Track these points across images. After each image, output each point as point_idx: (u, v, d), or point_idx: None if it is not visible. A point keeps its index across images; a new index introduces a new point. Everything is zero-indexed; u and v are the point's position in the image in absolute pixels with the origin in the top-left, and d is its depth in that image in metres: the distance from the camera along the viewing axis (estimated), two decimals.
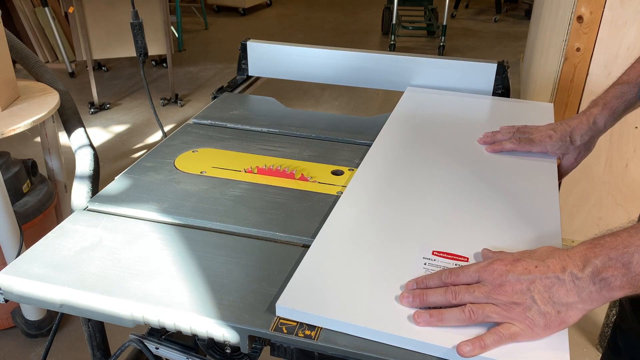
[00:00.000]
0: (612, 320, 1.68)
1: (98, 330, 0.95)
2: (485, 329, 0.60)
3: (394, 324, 0.61)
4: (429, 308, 0.63)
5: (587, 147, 0.98)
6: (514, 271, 0.60)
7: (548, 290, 0.59)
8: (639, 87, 0.91)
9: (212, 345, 0.74)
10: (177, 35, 4.61)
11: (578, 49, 1.83)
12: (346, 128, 1.14)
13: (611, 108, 0.94)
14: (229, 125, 1.15)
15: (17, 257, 0.74)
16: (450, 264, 0.70)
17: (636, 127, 1.91)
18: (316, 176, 0.95)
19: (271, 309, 0.65)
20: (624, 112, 0.94)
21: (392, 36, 4.55)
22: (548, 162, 0.96)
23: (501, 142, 0.99)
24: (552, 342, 0.59)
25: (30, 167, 1.77)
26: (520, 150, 0.97)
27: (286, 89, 3.70)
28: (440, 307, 0.62)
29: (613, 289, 0.57)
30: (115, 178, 0.93)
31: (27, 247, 0.92)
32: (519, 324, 0.59)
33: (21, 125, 1.49)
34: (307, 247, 0.75)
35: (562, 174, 0.99)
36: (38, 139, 1.95)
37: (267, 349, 0.65)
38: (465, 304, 0.61)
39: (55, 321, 1.02)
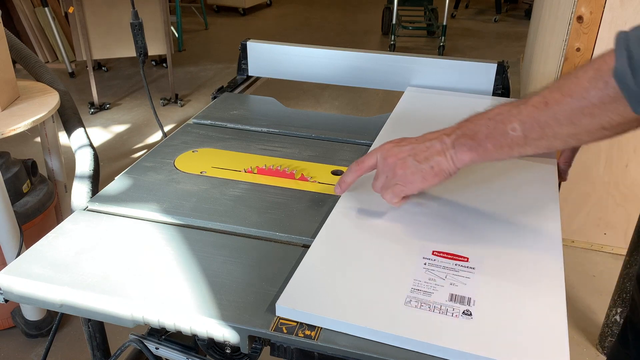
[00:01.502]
0: (613, 319, 1.68)
1: (98, 330, 0.95)
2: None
3: (394, 324, 0.61)
4: None
5: None
6: (396, 145, 0.78)
7: (423, 152, 0.75)
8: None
9: (212, 345, 0.74)
10: (177, 35, 4.62)
11: (578, 49, 1.83)
12: (346, 128, 1.14)
13: None
14: (229, 125, 1.15)
15: (17, 257, 0.74)
16: (451, 264, 0.70)
17: None
18: (316, 176, 0.95)
19: (271, 309, 0.65)
20: None
21: (392, 36, 4.55)
22: (548, 161, 0.96)
23: None
24: (552, 342, 0.59)
25: (30, 167, 1.77)
26: None
27: (286, 89, 3.70)
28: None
29: (463, 152, 0.73)
30: (115, 178, 0.93)
31: (27, 247, 0.92)
32: (401, 182, 0.76)
33: (21, 125, 1.49)
34: (307, 247, 0.75)
35: (569, 157, 0.96)
36: (38, 139, 1.95)
37: (267, 349, 0.65)
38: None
39: (55, 321, 1.02)
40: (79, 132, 1.66)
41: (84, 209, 0.86)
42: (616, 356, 1.05)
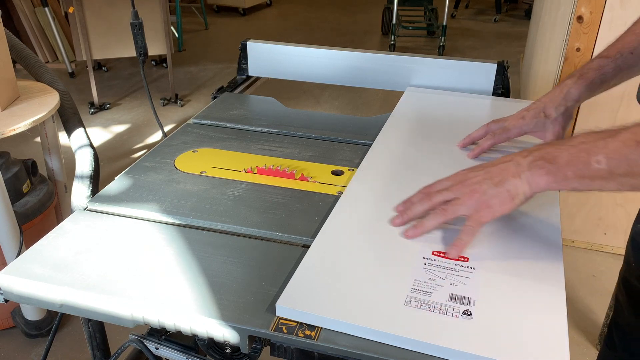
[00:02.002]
0: (610, 315, 1.68)
1: (98, 330, 0.95)
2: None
3: (394, 324, 0.61)
4: None
5: (566, 117, 0.94)
6: (474, 169, 0.75)
7: (498, 175, 0.72)
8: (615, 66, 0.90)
9: (212, 345, 0.74)
10: (177, 35, 4.61)
11: (578, 49, 1.83)
12: (346, 128, 1.14)
13: (587, 79, 0.91)
14: (229, 125, 1.15)
15: (17, 257, 0.74)
16: (450, 263, 0.70)
17: None
18: (316, 176, 0.95)
19: (271, 309, 0.65)
20: (600, 85, 0.92)
21: (392, 36, 4.55)
22: None
23: (479, 142, 0.97)
24: (552, 342, 0.59)
25: (30, 167, 1.77)
26: (499, 143, 0.96)
27: (286, 89, 3.70)
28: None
29: (540, 175, 0.69)
30: (115, 178, 0.93)
31: (27, 247, 0.92)
32: (477, 206, 0.72)
33: (21, 125, 1.49)
34: (307, 247, 0.75)
35: None
36: (38, 139, 1.95)
37: (267, 349, 0.65)
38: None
39: (55, 321, 1.02)
40: (79, 132, 1.66)
41: (84, 209, 0.86)
42: (605, 359, 1.05)
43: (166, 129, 3.22)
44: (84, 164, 1.55)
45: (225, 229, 0.81)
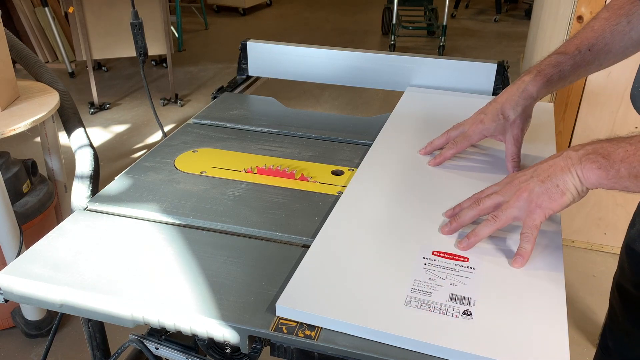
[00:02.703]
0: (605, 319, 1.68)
1: (98, 330, 0.95)
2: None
3: (394, 324, 0.61)
4: None
5: (524, 117, 0.91)
6: (523, 170, 0.73)
7: (546, 171, 0.70)
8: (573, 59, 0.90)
9: (212, 345, 0.74)
10: (177, 35, 4.61)
11: None
12: (346, 128, 1.14)
13: (545, 76, 0.89)
14: (229, 125, 1.15)
15: (17, 257, 0.74)
16: (451, 264, 0.70)
17: (636, 127, 1.91)
18: (316, 176, 0.95)
19: (271, 309, 0.65)
20: (558, 81, 0.90)
21: (392, 36, 4.55)
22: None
23: (441, 152, 0.95)
24: (552, 342, 0.59)
25: (30, 167, 1.77)
26: (461, 150, 0.94)
27: (286, 89, 3.70)
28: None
29: (592, 170, 0.66)
30: (115, 178, 0.93)
31: (27, 247, 0.92)
32: (528, 208, 0.70)
33: (21, 125, 1.49)
34: (307, 247, 0.75)
35: (514, 152, 0.92)
36: (38, 139, 1.95)
37: (267, 349, 0.65)
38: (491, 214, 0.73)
39: (55, 321, 1.02)
40: (79, 132, 1.66)
41: (84, 209, 0.86)
42: None
43: (166, 129, 3.22)
44: (84, 164, 1.55)
45: (225, 229, 0.81)
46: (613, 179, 0.65)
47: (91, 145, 1.63)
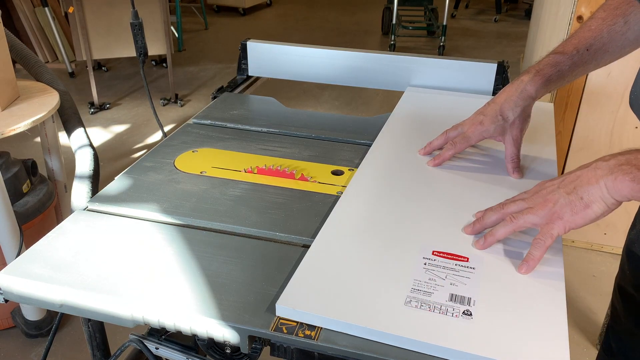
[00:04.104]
0: (607, 320, 1.68)
1: (98, 330, 0.95)
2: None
3: (394, 324, 0.61)
4: None
5: (523, 117, 0.91)
6: (547, 181, 0.72)
7: (573, 182, 0.68)
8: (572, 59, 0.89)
9: (212, 345, 0.74)
10: (177, 35, 4.62)
11: None
12: (346, 128, 1.14)
13: (544, 76, 0.89)
14: (229, 125, 1.15)
15: (17, 257, 0.74)
16: (451, 264, 0.70)
17: (636, 127, 1.91)
18: (316, 176, 0.95)
19: (271, 309, 0.65)
20: (557, 81, 0.90)
21: (392, 36, 4.55)
22: (548, 160, 0.96)
23: (440, 153, 0.94)
24: (552, 342, 0.59)
25: (30, 167, 1.77)
26: (460, 151, 0.94)
27: (286, 89, 3.70)
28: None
29: (624, 182, 0.63)
30: (115, 178, 0.93)
31: (27, 247, 0.92)
32: (550, 218, 0.68)
33: (21, 125, 1.49)
34: (307, 247, 0.75)
35: (514, 154, 0.92)
36: (38, 139, 1.95)
37: (267, 349, 0.65)
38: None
39: (55, 321, 1.02)
40: (79, 132, 1.66)
41: (84, 209, 0.86)
42: None
43: (166, 129, 3.22)
44: (84, 164, 1.55)
45: (225, 229, 0.81)
46: None
47: (91, 145, 1.63)
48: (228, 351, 0.73)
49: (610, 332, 1.02)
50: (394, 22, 4.51)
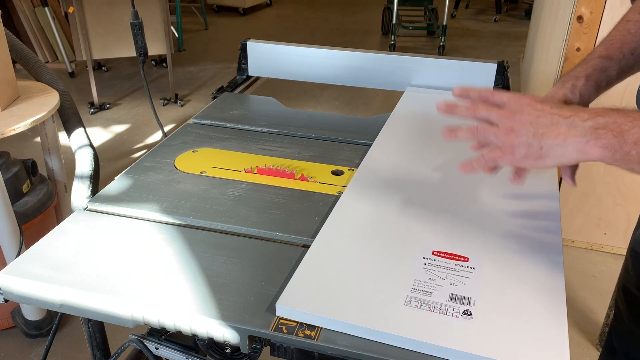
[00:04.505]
0: (610, 320, 1.68)
1: (98, 330, 0.95)
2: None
3: (394, 324, 0.61)
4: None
5: None
6: (533, 105, 0.67)
7: (544, 127, 0.64)
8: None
9: (212, 345, 0.74)
10: (177, 35, 4.61)
11: (578, 49, 1.83)
12: (346, 128, 1.14)
13: (595, 81, 0.85)
14: (229, 125, 1.15)
15: (17, 257, 0.74)
16: (451, 264, 0.70)
17: None
18: (316, 176, 0.95)
19: (271, 309, 0.65)
20: (605, 87, 0.87)
21: (392, 36, 4.55)
22: None
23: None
24: (552, 342, 0.59)
25: (30, 167, 1.76)
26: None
27: (286, 89, 3.70)
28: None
29: (597, 147, 0.61)
30: (115, 178, 0.93)
31: (27, 247, 0.92)
32: (504, 148, 0.67)
33: (21, 125, 1.49)
34: (307, 247, 0.75)
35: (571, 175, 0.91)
36: (38, 139, 1.95)
37: (267, 349, 0.65)
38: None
39: (55, 321, 1.02)
40: (79, 132, 1.66)
41: (84, 209, 0.86)
42: None
43: (166, 129, 3.22)
44: (84, 164, 1.55)
45: (225, 229, 0.81)
46: (619, 160, 0.60)
47: (91, 145, 1.63)
48: (228, 351, 0.73)
49: (613, 332, 1.02)
50: (394, 22, 4.51)
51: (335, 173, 0.97)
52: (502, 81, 1.24)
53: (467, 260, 0.71)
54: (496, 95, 0.72)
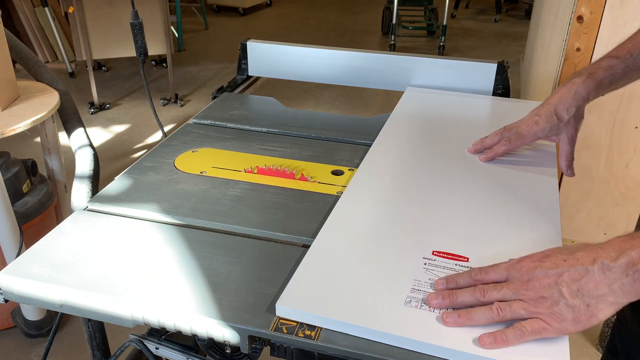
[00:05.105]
0: (612, 321, 1.68)
1: (98, 330, 0.95)
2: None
3: (394, 324, 0.61)
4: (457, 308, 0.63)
5: (577, 117, 0.92)
6: (542, 266, 0.60)
7: (576, 282, 0.58)
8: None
9: (212, 345, 0.74)
10: (177, 35, 4.61)
11: (578, 49, 1.83)
12: (346, 128, 1.14)
13: (596, 79, 0.89)
14: (229, 125, 1.15)
15: (17, 257, 0.74)
16: (451, 264, 0.70)
17: (636, 127, 1.91)
18: (316, 176, 0.95)
19: (271, 309, 0.65)
20: (609, 85, 0.90)
21: (392, 36, 4.55)
22: (548, 161, 0.96)
23: (492, 148, 0.96)
24: (552, 343, 0.59)
25: (30, 167, 1.76)
26: (514, 149, 0.96)
27: (286, 89, 3.70)
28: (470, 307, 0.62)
29: (636, 285, 0.56)
30: (115, 178, 0.93)
31: (27, 247, 0.92)
32: (546, 318, 0.58)
33: (21, 125, 1.49)
34: (307, 247, 0.75)
35: (569, 152, 0.94)
36: (38, 139, 1.95)
37: (267, 349, 0.65)
38: (493, 302, 0.61)
39: (55, 321, 1.02)
40: (79, 132, 1.66)
41: (84, 209, 0.86)
42: None
43: (166, 129, 3.22)
44: (84, 164, 1.55)
45: (225, 229, 0.81)
46: None
47: (91, 145, 1.63)
48: (228, 351, 0.73)
49: (615, 333, 1.02)
50: (394, 22, 4.51)
51: (335, 173, 0.97)
52: (502, 81, 1.24)
53: (467, 260, 0.71)
54: (490, 272, 0.64)
